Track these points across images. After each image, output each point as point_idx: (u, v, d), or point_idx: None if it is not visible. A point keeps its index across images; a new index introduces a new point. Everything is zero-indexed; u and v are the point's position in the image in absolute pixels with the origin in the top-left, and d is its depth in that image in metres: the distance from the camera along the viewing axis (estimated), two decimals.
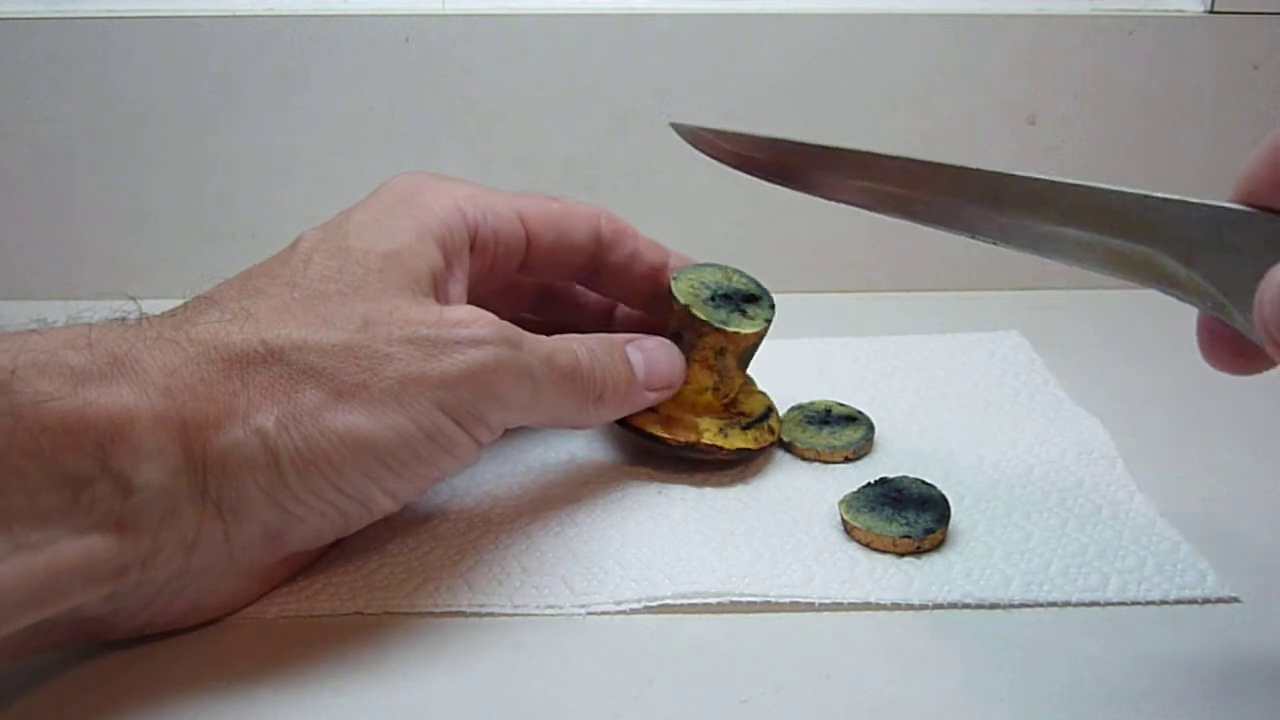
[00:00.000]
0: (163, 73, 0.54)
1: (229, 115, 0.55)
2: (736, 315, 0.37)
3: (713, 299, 0.37)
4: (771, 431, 0.38)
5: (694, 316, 0.36)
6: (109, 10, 0.54)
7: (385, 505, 0.30)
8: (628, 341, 0.36)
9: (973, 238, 0.30)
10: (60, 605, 0.24)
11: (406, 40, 0.54)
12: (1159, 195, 0.25)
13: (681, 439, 0.36)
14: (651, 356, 0.36)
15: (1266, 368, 0.25)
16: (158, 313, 0.29)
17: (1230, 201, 0.24)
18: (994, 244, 0.30)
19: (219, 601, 0.29)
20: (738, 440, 0.37)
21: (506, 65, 0.55)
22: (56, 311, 0.28)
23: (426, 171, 0.35)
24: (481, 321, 0.30)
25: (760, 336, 0.37)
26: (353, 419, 0.28)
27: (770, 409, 0.39)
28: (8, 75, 0.54)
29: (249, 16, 0.54)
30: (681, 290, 0.37)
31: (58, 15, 0.53)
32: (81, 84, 0.54)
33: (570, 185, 0.56)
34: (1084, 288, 0.56)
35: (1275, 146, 0.22)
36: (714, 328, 0.36)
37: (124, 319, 0.28)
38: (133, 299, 0.29)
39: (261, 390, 0.27)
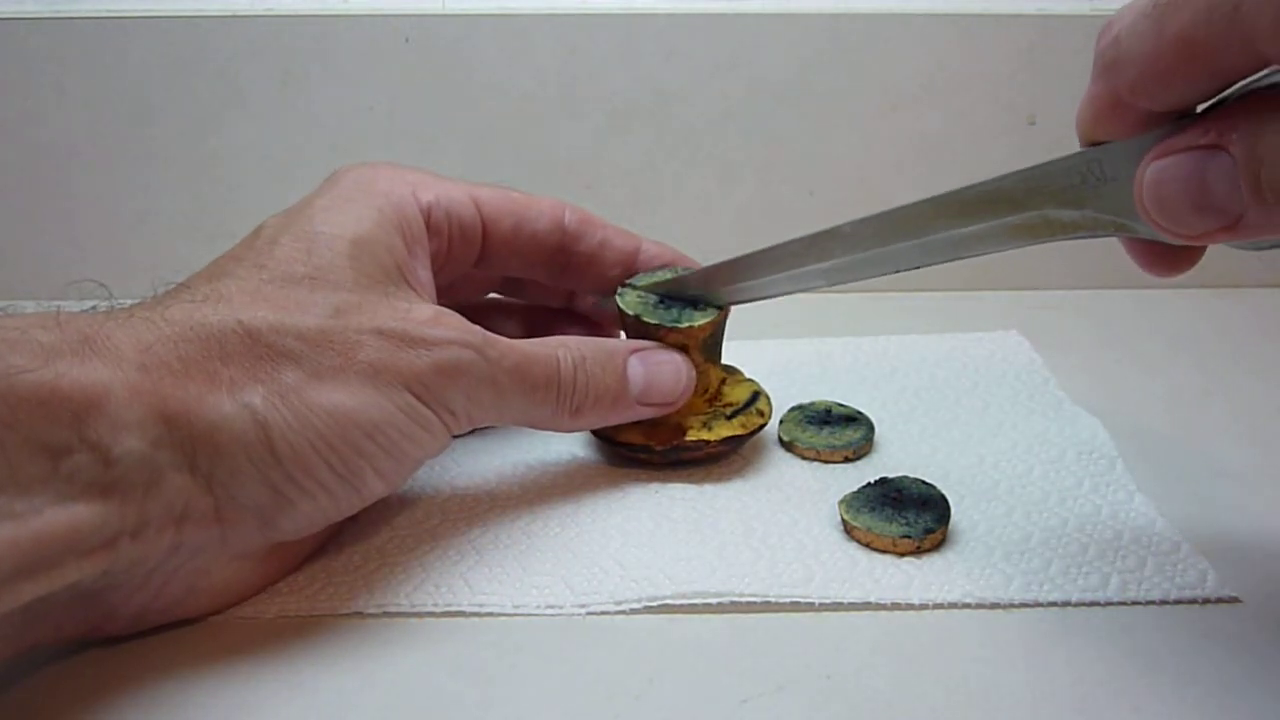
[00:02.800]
0: (163, 73, 0.54)
1: (229, 115, 0.55)
2: (688, 310, 0.37)
3: (661, 302, 0.37)
4: (760, 414, 0.38)
5: (645, 323, 0.36)
6: (109, 10, 0.54)
7: (375, 487, 0.30)
8: (634, 350, 0.36)
9: (897, 271, 0.33)
10: (54, 579, 0.24)
11: (406, 40, 0.54)
12: (1027, 167, 0.28)
13: (665, 442, 0.36)
14: (655, 371, 0.36)
15: (1191, 263, 0.28)
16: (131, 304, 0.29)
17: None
18: (917, 268, 0.33)
19: (214, 588, 0.29)
20: (724, 429, 0.37)
21: (506, 65, 0.55)
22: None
23: (379, 161, 0.36)
24: (445, 323, 0.31)
25: (716, 325, 0.37)
26: (337, 397, 0.28)
27: (757, 393, 0.39)
28: (8, 75, 0.54)
29: (249, 16, 0.54)
30: (629, 303, 0.37)
31: (58, 15, 0.53)
32: (81, 84, 0.54)
33: (570, 185, 0.56)
34: (1084, 288, 0.56)
35: (1088, 97, 0.26)
36: (667, 328, 0.36)
37: (94, 308, 0.28)
38: (103, 285, 0.29)
39: (243, 369, 0.27)
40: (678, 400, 0.36)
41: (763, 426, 0.38)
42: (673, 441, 0.36)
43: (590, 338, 0.35)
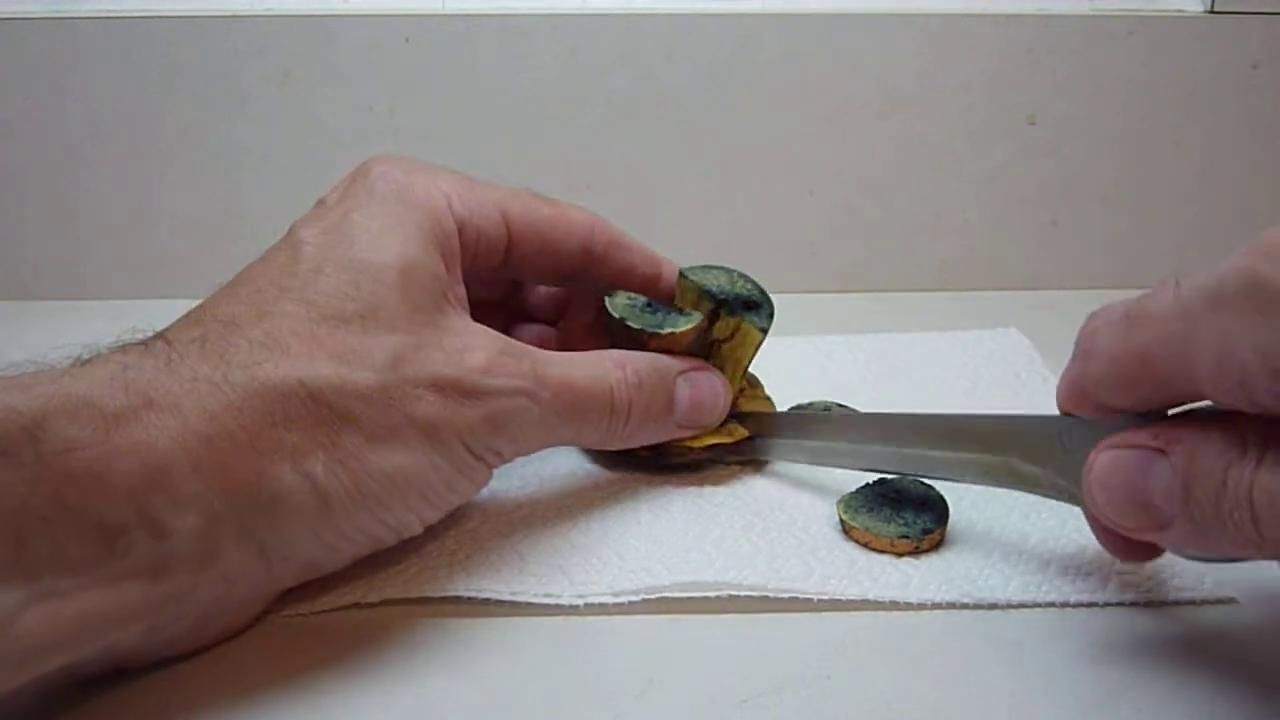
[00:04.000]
0: (163, 73, 0.54)
1: (229, 115, 0.55)
2: (673, 315, 0.36)
3: (649, 305, 0.37)
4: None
5: (630, 328, 0.36)
6: (109, 10, 0.54)
7: (416, 530, 0.31)
8: (683, 371, 0.35)
9: (868, 470, 0.35)
10: (94, 645, 0.24)
11: (406, 40, 0.54)
12: (1009, 414, 0.31)
13: (650, 448, 0.36)
14: (699, 395, 0.35)
15: (1149, 556, 0.29)
16: (180, 336, 0.28)
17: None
18: (888, 474, 0.35)
19: (243, 620, 0.29)
20: (709, 437, 0.37)
21: (506, 65, 0.55)
22: (57, 312, 0.28)
23: (403, 157, 0.34)
24: (498, 369, 0.30)
25: (700, 331, 0.36)
26: (396, 459, 0.28)
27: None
28: (8, 75, 0.54)
29: (249, 16, 0.54)
30: (617, 306, 0.36)
31: (58, 15, 0.53)
32: (81, 84, 0.54)
33: (570, 185, 0.56)
34: (1084, 288, 0.56)
35: (1067, 374, 0.28)
36: (649, 333, 0.36)
37: (146, 345, 0.27)
38: (143, 332, 0.29)
39: (305, 434, 0.27)
40: (713, 423, 0.36)
41: (752, 438, 0.38)
42: (657, 447, 0.36)
43: (644, 354, 0.35)
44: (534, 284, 0.39)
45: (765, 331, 0.37)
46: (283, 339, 0.28)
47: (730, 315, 0.37)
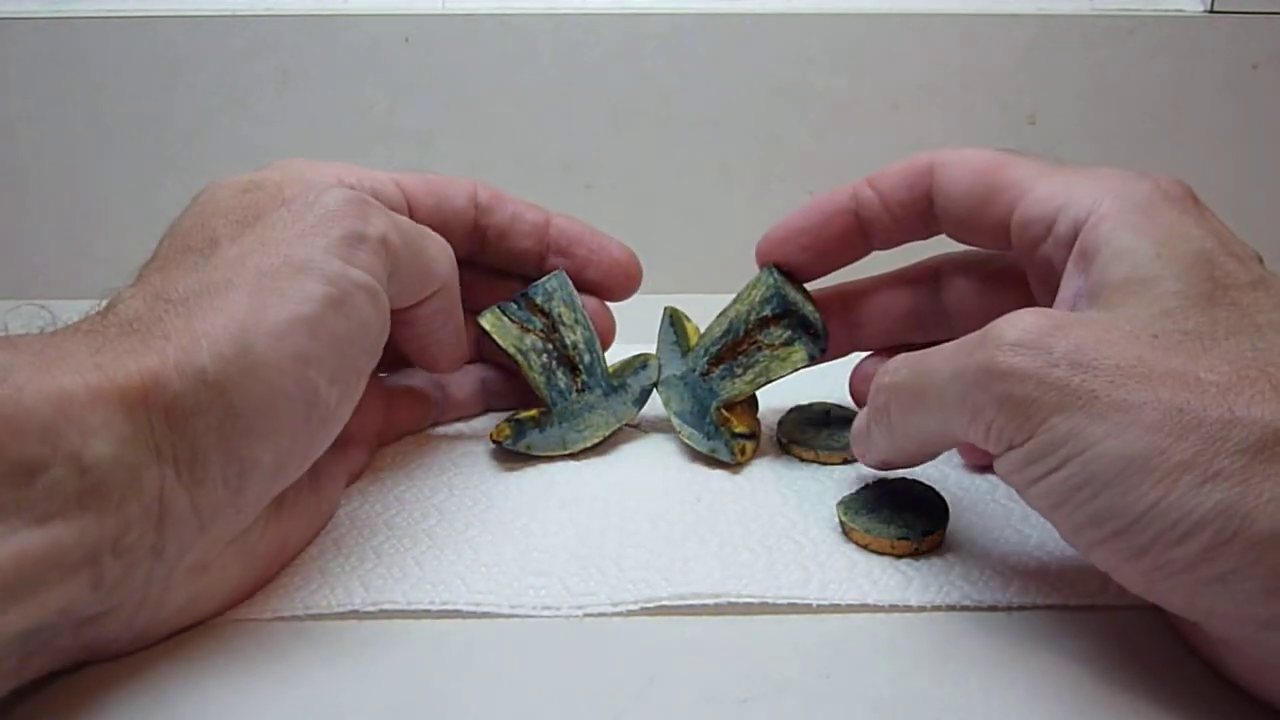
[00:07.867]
0: (162, 73, 0.54)
1: (229, 115, 0.55)
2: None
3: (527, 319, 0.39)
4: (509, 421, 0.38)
5: (486, 332, 0.39)
6: (109, 10, 0.54)
7: (330, 397, 0.29)
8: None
9: None
10: (41, 601, 0.24)
11: (406, 40, 0.54)
12: None
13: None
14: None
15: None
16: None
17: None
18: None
19: (213, 588, 0.29)
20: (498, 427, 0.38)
21: (506, 65, 0.55)
22: (58, 312, 0.29)
23: (299, 159, 0.37)
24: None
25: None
26: (279, 310, 0.28)
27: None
28: (8, 75, 0.54)
29: (249, 16, 0.54)
30: (488, 321, 0.39)
31: (58, 15, 0.53)
32: (81, 84, 0.54)
33: (570, 185, 0.57)
34: None
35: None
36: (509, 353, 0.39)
37: (42, 329, 0.28)
38: (43, 305, 0.30)
39: (182, 324, 0.27)
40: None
41: (510, 433, 0.38)
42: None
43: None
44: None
45: (811, 360, 0.37)
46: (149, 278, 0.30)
47: (788, 328, 0.37)
